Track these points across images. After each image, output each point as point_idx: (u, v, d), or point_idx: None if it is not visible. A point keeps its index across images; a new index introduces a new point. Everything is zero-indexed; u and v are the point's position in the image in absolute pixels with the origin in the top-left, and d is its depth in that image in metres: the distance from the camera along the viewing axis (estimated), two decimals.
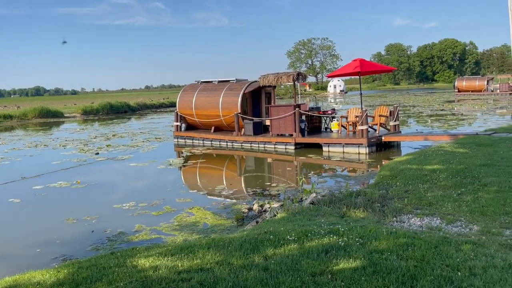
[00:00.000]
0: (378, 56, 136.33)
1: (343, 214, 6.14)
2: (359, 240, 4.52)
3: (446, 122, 22.38)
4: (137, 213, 8.16)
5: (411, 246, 4.31)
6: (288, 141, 15.34)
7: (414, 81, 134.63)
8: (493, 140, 11.07)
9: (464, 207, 5.80)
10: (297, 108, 15.17)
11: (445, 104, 38.21)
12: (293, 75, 15.20)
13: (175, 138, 19.28)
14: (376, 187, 7.68)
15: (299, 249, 4.32)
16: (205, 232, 6.84)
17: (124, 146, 18.25)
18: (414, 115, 28.67)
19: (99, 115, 43.99)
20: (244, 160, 15.05)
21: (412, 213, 5.91)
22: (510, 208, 5.55)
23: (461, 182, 6.96)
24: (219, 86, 18.27)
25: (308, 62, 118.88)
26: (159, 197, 9.25)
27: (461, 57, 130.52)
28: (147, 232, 7.01)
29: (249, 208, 8.00)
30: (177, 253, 4.39)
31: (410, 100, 49.40)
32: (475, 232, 4.95)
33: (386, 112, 15.38)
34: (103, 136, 22.84)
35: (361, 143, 13.75)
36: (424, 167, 8.33)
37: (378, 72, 17.22)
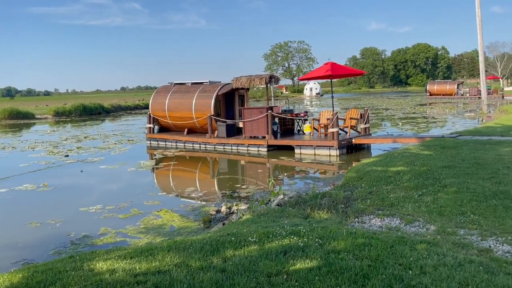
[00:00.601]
0: (353, 60, 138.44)
1: (307, 215, 6.22)
2: (318, 241, 4.60)
3: (416, 125, 22.91)
4: (104, 216, 8.06)
5: (368, 246, 4.41)
6: (261, 143, 15.42)
7: (388, 84, 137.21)
8: (457, 142, 11.41)
9: (423, 208, 5.97)
10: (270, 111, 15.27)
11: (417, 107, 39.10)
12: (265, 78, 15.30)
13: (148, 140, 19.10)
14: (341, 188, 7.81)
15: (259, 250, 4.37)
16: (171, 234, 6.81)
17: (95, 148, 17.96)
18: (387, 118, 29.24)
19: (71, 117, 43.14)
20: (216, 162, 15.04)
21: (373, 213, 6.04)
22: (466, 208, 5.74)
23: (422, 184, 7.16)
24: (192, 88, 18.21)
25: (284, 65, 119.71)
26: (127, 199, 9.15)
27: (433, 61, 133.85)
28: (112, 235, 6.93)
29: (217, 210, 8.01)
30: (137, 256, 4.37)
31: (383, 103, 50.34)
32: (431, 232, 5.10)
33: (356, 115, 15.65)
34: (74, 138, 22.42)
35: (331, 145, 13.95)
36: (389, 169, 8.52)
37: (349, 75, 17.51)
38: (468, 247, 4.55)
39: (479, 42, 27.56)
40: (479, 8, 27.16)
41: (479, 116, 26.71)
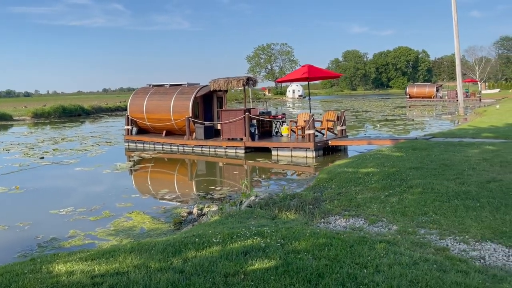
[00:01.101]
0: (335, 62, 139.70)
1: (275, 216, 6.28)
2: (280, 241, 4.65)
3: (394, 127, 23.26)
4: (74, 218, 7.98)
5: (328, 246, 4.49)
6: (238, 145, 15.45)
7: (370, 87, 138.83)
8: (429, 144, 11.64)
9: (388, 208, 6.09)
10: (247, 113, 15.32)
11: (396, 110, 39.68)
12: (243, 80, 15.34)
13: (126, 142, 18.95)
14: (312, 189, 7.90)
15: (221, 251, 4.40)
16: (140, 236, 6.79)
17: (72, 150, 17.74)
18: (366, 120, 29.60)
19: (50, 119, 42.48)
20: (193, 164, 15.02)
21: (340, 214, 6.13)
22: (429, 208, 5.88)
23: (390, 184, 7.29)
24: (171, 90, 18.15)
25: (267, 67, 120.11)
26: (100, 202, 9.08)
27: (414, 64, 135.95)
28: (81, 237, 6.87)
29: (189, 212, 8.02)
30: (98, 258, 4.36)
31: (364, 105, 50.93)
32: (393, 232, 5.21)
33: (333, 117, 15.82)
34: (52, 140, 22.10)
35: (308, 147, 14.07)
36: (360, 170, 8.65)
37: (326, 78, 17.69)
38: (426, 246, 4.66)
39: (456, 45, 28.14)
40: (455, 12, 27.75)
41: (456, 118, 27.27)
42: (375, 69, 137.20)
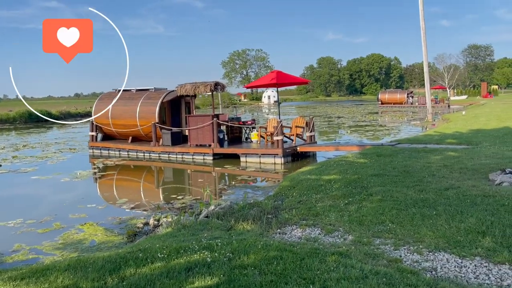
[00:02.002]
0: (310, 69, 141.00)
1: (231, 227, 6.04)
2: (229, 256, 4.42)
3: (364, 133, 23.41)
4: (21, 231, 7.52)
5: (278, 259, 4.28)
6: (206, 151, 15.15)
7: (344, 93, 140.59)
8: (394, 150, 11.65)
9: (346, 217, 5.93)
10: (215, 118, 15.06)
11: (368, 116, 40.14)
12: (210, 85, 15.07)
13: (90, 149, 18.36)
14: (273, 198, 7.71)
15: (163, 268, 4.13)
16: (89, 250, 6.42)
17: (32, 157, 17.05)
18: (337, 126, 29.76)
19: (16, 124, 41.10)
20: (158, 172, 14.63)
21: (297, 224, 5.94)
22: (386, 217, 5.76)
23: (350, 192, 7.16)
24: (137, 95, 17.71)
25: (243, 73, 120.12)
26: (52, 213, 8.62)
27: (386, 71, 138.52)
28: (25, 252, 6.45)
29: (145, 223, 7.68)
30: (28, 277, 4.02)
31: (337, 111, 51.40)
32: (348, 242, 5.05)
33: (302, 123, 15.73)
34: (13, 146, 21.26)
35: (276, 154, 13.90)
36: (322, 177, 8.52)
37: (294, 84, 17.67)
38: (379, 257, 4.51)
39: (424, 53, 28.64)
40: (423, 21, 28.29)
41: (424, 124, 27.71)
42: (349, 76, 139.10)
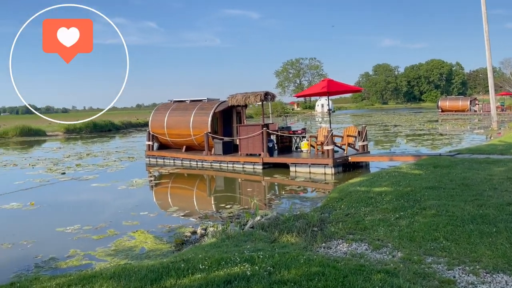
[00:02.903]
0: (365, 76, 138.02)
1: (275, 239, 5.95)
2: (269, 269, 4.33)
3: (421, 142, 22.42)
4: (78, 237, 7.89)
5: (320, 275, 4.14)
6: (256, 160, 15.19)
7: (401, 100, 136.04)
8: (453, 161, 11.00)
9: (396, 232, 5.65)
10: (265, 128, 15.07)
11: (426, 124, 38.45)
12: (260, 95, 15.15)
13: (147, 158, 19.04)
14: (320, 210, 7.52)
15: (202, 280, 4.12)
16: (139, 257, 6.59)
17: (93, 165, 17.95)
18: (393, 134, 28.75)
19: (81, 134, 43.62)
20: (209, 180, 14.85)
21: (343, 238, 5.74)
22: (440, 233, 5.41)
23: (402, 206, 6.82)
24: (191, 106, 18.17)
25: (296, 82, 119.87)
26: (107, 219, 8.99)
27: (447, 77, 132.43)
28: (79, 257, 6.74)
29: (193, 232, 7.77)
30: (75, 284, 4.17)
31: (394, 119, 49.75)
32: (397, 260, 4.79)
33: (354, 132, 15.34)
34: (77, 155, 22.52)
35: (326, 164, 13.63)
36: (373, 189, 8.20)
37: (346, 92, 17.27)
38: (430, 277, 4.23)
39: (487, 57, 27.08)
40: (486, 23, 26.76)
41: (489, 133, 26.05)
42: (406, 83, 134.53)
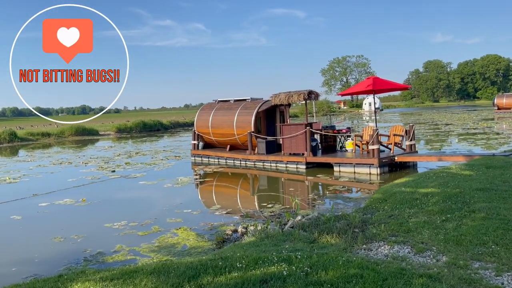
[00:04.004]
0: (415, 73, 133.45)
1: (314, 239, 5.88)
2: (306, 270, 4.29)
3: (474, 142, 21.35)
4: (124, 232, 8.18)
5: (358, 278, 4.04)
6: (299, 160, 15.09)
7: (454, 98, 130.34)
8: (507, 162, 10.38)
9: (441, 235, 5.41)
10: (308, 127, 14.94)
11: (481, 123, 36.56)
12: (303, 94, 15.03)
13: (192, 157, 19.46)
14: (362, 211, 7.35)
15: (239, 278, 4.14)
16: (181, 254, 6.74)
17: (142, 164, 18.57)
18: (444, 133, 27.59)
19: (131, 133, 45.25)
20: (252, 179, 14.92)
21: (385, 240, 5.57)
22: (489, 237, 5.12)
23: (449, 208, 6.53)
24: (235, 105, 18.35)
25: (342, 80, 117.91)
26: (152, 216, 9.27)
27: (504, 73, 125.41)
28: (125, 252, 6.99)
29: (234, 230, 7.84)
30: (117, 279, 4.32)
31: (445, 118, 47.73)
32: (441, 264, 4.58)
33: (401, 131, 14.87)
34: (127, 154, 23.38)
35: (372, 163, 13.31)
36: (418, 190, 7.90)
37: (392, 90, 16.73)
38: (477, 283, 4.02)
39: None
40: None
41: None
42: (459, 79, 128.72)
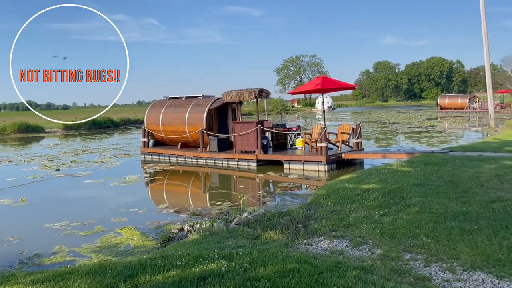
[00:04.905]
0: (366, 73, 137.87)
1: (258, 235, 5.94)
2: (246, 266, 4.32)
3: (418, 140, 22.37)
4: (65, 233, 7.88)
5: (295, 272, 4.12)
6: (251, 158, 15.18)
7: (402, 98, 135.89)
8: (444, 158, 10.97)
9: (378, 229, 5.63)
10: (259, 125, 15.05)
11: (425, 122, 38.38)
12: (255, 92, 15.12)
13: (142, 154, 19.05)
14: (306, 207, 7.50)
15: (177, 276, 4.11)
16: (123, 254, 6.58)
17: (88, 162, 17.95)
18: (390, 132, 28.70)
19: (80, 131, 43.61)
20: (203, 177, 14.84)
21: (325, 235, 5.72)
22: (421, 230, 5.39)
23: (387, 203, 6.81)
24: (186, 102, 18.15)
25: (296, 79, 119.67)
26: (96, 216, 8.98)
27: (448, 75, 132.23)
28: (64, 254, 6.73)
29: (180, 229, 7.76)
30: (49, 281, 4.16)
31: (393, 117, 49.67)
32: (375, 256, 4.77)
33: (348, 130, 15.31)
34: (73, 152, 22.52)
35: (320, 161, 13.62)
36: (361, 186, 8.18)
37: (340, 89, 17.22)
38: (406, 274, 4.22)
39: (485, 55, 27.03)
40: (484, 21, 26.69)
41: (486, 130, 26.01)
42: (407, 80, 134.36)
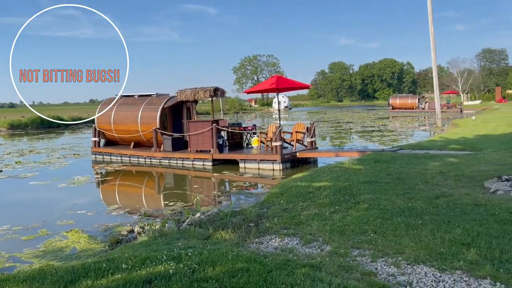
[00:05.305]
0: (322, 74, 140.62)
1: (209, 235, 5.85)
2: (194, 267, 4.23)
3: (370, 139, 23.04)
4: (5, 238, 7.44)
5: (243, 272, 4.08)
6: (206, 157, 15.03)
7: (356, 98, 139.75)
8: (393, 156, 11.34)
9: (328, 226, 5.70)
10: (214, 124, 14.93)
11: (377, 121, 39.62)
12: (209, 90, 14.97)
13: (93, 154, 18.40)
14: (259, 205, 7.50)
15: (121, 280, 3.95)
16: (68, 258, 6.29)
17: (35, 163, 17.12)
18: (344, 131, 29.40)
19: (27, 130, 41.58)
20: (157, 177, 14.53)
21: (277, 233, 5.73)
22: (369, 226, 5.51)
23: (338, 200, 6.92)
24: (139, 101, 17.71)
25: (253, 78, 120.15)
26: (41, 219, 8.54)
27: (399, 76, 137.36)
28: (3, 260, 6.35)
29: (130, 230, 7.54)
30: None
31: (347, 116, 50.95)
32: (324, 253, 4.82)
33: (303, 129, 15.50)
34: (19, 152, 21.41)
35: (275, 160, 13.69)
36: (313, 184, 8.28)
37: (295, 89, 17.46)
38: (353, 270, 4.28)
39: (433, 57, 28.23)
40: (431, 25, 27.88)
41: (433, 129, 27.20)
42: (361, 81, 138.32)
